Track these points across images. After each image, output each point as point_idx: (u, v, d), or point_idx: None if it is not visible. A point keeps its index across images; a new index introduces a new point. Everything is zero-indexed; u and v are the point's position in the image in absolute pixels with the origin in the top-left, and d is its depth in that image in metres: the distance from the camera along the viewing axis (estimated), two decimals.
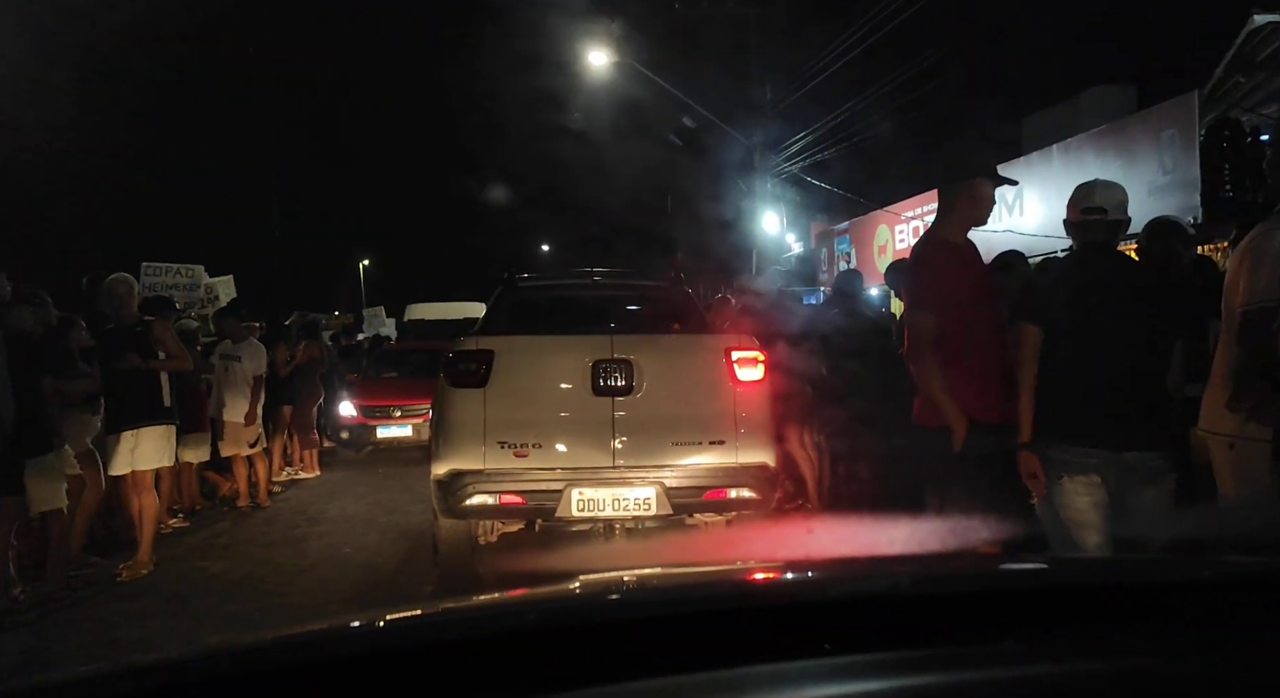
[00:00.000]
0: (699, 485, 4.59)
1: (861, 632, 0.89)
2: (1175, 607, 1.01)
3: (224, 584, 5.26)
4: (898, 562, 1.34)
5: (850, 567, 1.30)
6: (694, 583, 1.20)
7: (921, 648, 0.87)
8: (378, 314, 21.91)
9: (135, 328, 5.52)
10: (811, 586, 1.11)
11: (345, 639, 0.98)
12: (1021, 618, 0.96)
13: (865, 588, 1.05)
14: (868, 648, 0.86)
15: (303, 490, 8.77)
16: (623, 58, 15.27)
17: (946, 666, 0.85)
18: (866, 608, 0.96)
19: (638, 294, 6.21)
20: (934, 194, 13.95)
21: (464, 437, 4.56)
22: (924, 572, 1.19)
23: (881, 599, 0.98)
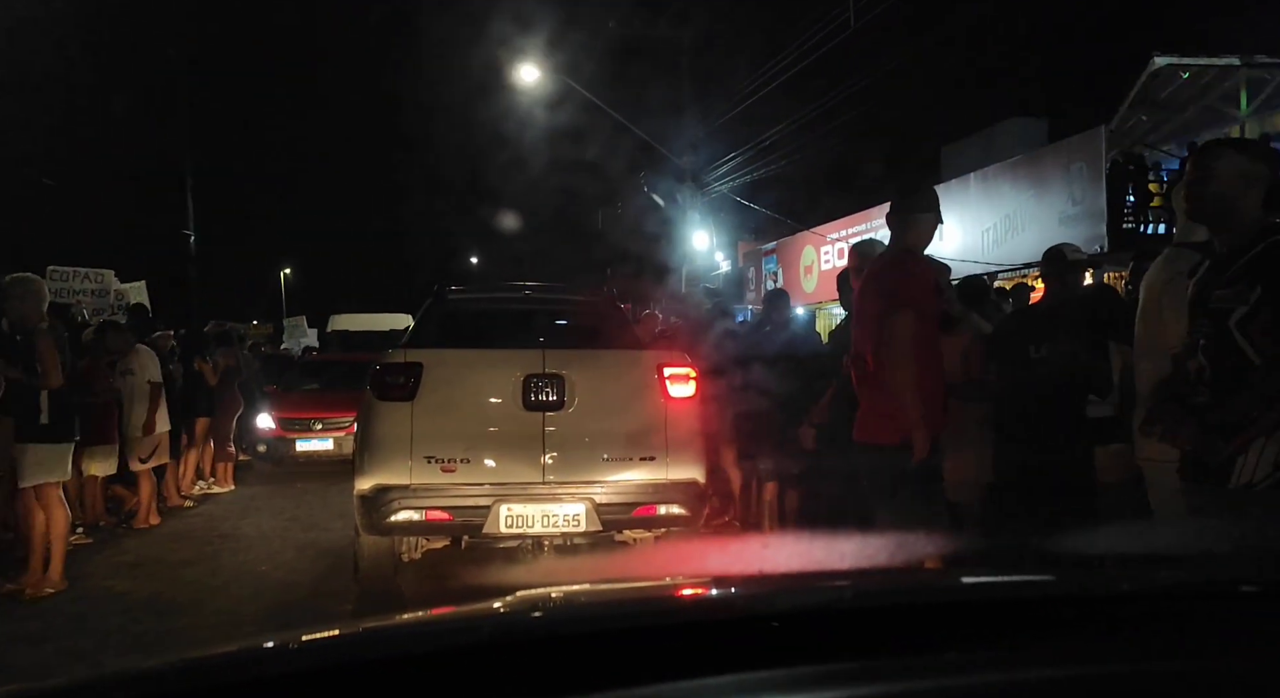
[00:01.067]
0: (629, 502, 4.59)
1: (801, 645, 0.89)
2: (1117, 617, 1.04)
3: (130, 604, 5.01)
4: (837, 576, 1.34)
5: (791, 581, 1.30)
6: (623, 599, 1.19)
7: (860, 660, 0.87)
8: (299, 324, 21.35)
9: (16, 337, 5.16)
10: (747, 600, 1.11)
11: (257, 661, 0.94)
12: (967, 629, 0.96)
13: (807, 601, 1.04)
14: (805, 661, 0.86)
15: (216, 506, 8.46)
16: (556, 73, 15.30)
17: (880, 677, 0.85)
18: (809, 622, 0.96)
19: (570, 309, 6.19)
20: (859, 217, 14.32)
21: (390, 451, 4.48)
22: (864, 585, 1.19)
23: (823, 613, 0.98)
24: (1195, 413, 2.20)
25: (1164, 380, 2.27)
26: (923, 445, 3.16)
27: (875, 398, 3.42)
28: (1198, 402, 2.20)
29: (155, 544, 6.63)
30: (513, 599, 1.14)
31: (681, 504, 4.61)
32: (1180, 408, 2.23)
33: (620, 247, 21.46)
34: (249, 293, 30.90)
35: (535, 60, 15.34)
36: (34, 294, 5.27)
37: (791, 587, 1.21)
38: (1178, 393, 2.24)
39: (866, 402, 3.49)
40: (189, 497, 8.59)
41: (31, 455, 5.13)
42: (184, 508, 8.18)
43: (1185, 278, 2.51)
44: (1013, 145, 12.96)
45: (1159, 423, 2.30)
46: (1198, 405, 2.20)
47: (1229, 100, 12.61)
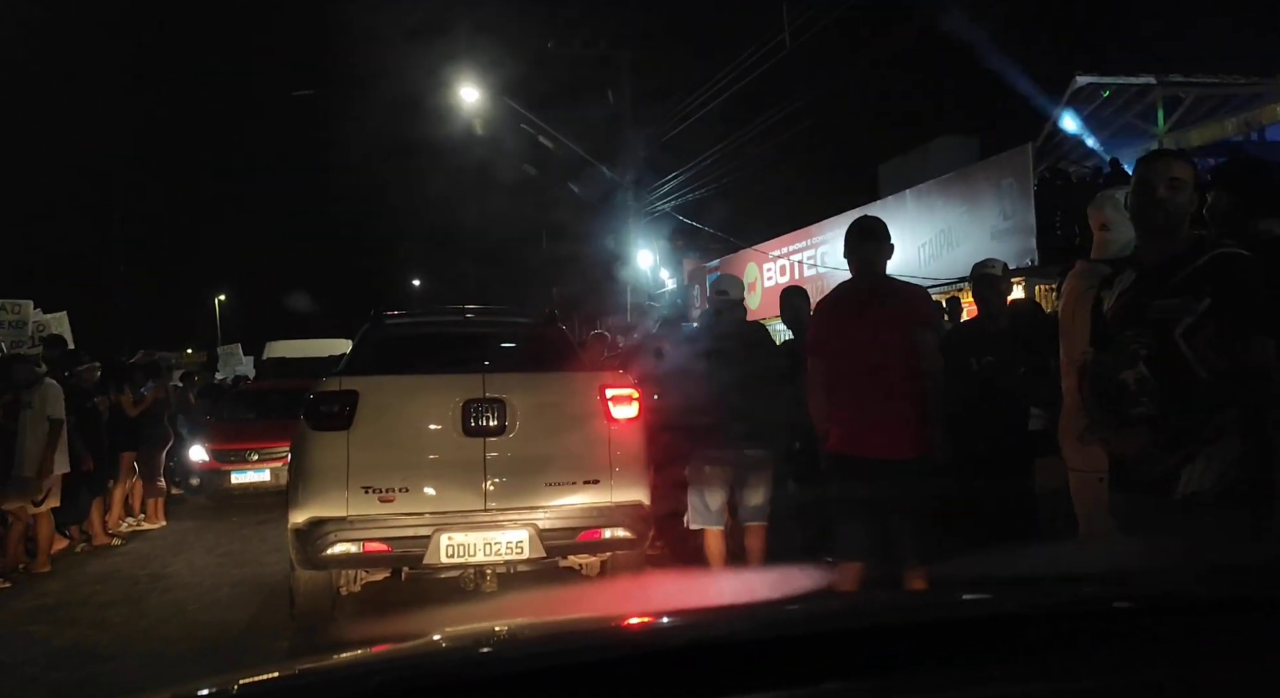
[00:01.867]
0: (573, 527, 4.52)
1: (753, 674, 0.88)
2: (1057, 634, 1.03)
3: (51, 650, 4.76)
4: (779, 604, 1.31)
5: (729, 611, 1.28)
6: (568, 633, 1.17)
7: (812, 686, 0.87)
8: (234, 352, 20.82)
9: None
10: (691, 630, 1.09)
11: None
12: (926, 650, 0.96)
13: (752, 629, 1.03)
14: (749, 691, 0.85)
15: (146, 543, 8.13)
16: (495, 93, 15.26)
17: None
18: (761, 650, 0.95)
19: (511, 332, 6.12)
20: (800, 234, 14.48)
21: (325, 482, 4.35)
22: (813, 609, 1.20)
23: (774, 641, 0.97)
24: (1137, 424, 2.22)
25: (1100, 392, 2.28)
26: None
27: (897, 411, 3.41)
28: (1137, 412, 2.21)
29: (79, 586, 6.34)
30: (453, 634, 1.12)
31: (626, 527, 4.56)
32: (1117, 418, 2.25)
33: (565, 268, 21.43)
34: (182, 321, 30.08)
35: (474, 82, 15.30)
36: None
37: (739, 615, 1.19)
38: (1113, 404, 2.25)
39: (886, 415, 3.45)
40: (117, 534, 8.25)
41: None
42: (111, 546, 7.84)
43: (1094, 291, 2.54)
44: (946, 163, 13.26)
45: (1099, 433, 2.31)
46: (1137, 416, 2.22)
47: (1147, 117, 13.11)
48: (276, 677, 1.05)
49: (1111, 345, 2.33)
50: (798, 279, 14.93)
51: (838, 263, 13.49)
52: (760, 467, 4.85)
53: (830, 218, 14.35)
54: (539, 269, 24.93)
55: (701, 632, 1.06)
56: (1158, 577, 1.36)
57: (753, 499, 4.90)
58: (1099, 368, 2.31)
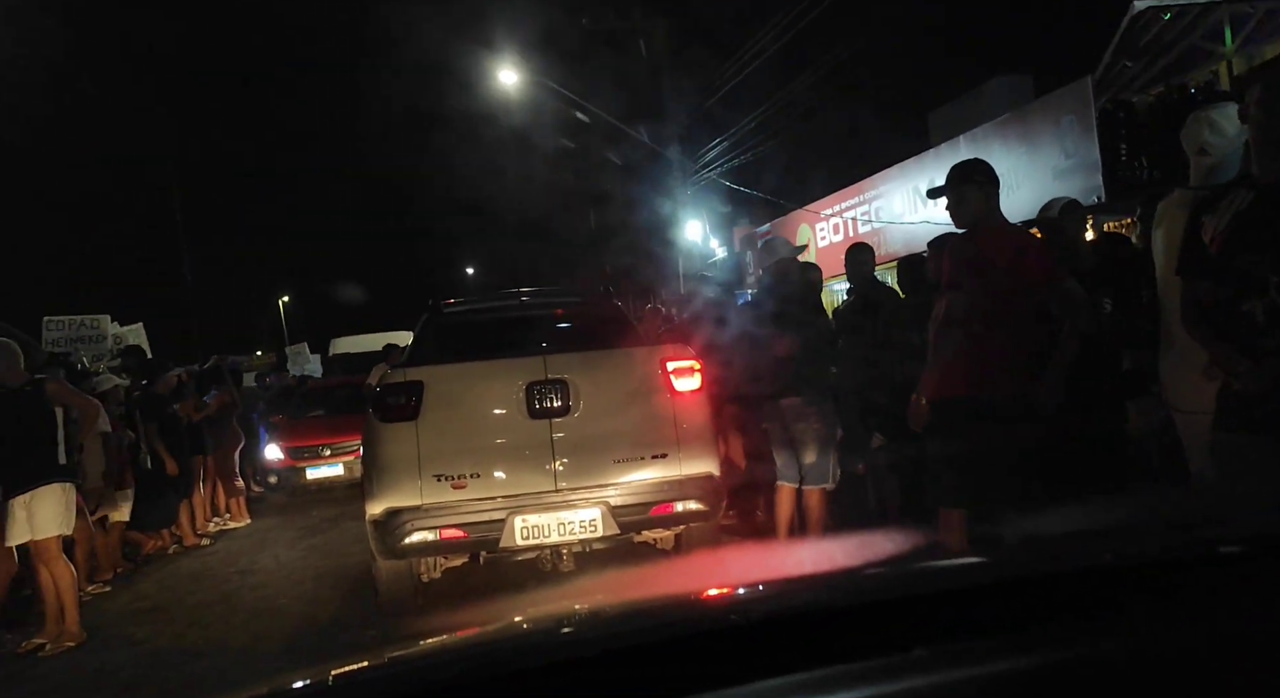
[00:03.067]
0: (644, 502, 4.50)
1: (826, 645, 0.87)
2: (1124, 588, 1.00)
3: (150, 651, 4.94)
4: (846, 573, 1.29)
5: (798, 582, 1.27)
6: (650, 610, 1.16)
7: (880, 658, 0.86)
8: (301, 351, 21.26)
9: (25, 388, 5.16)
10: (761, 602, 1.09)
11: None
12: (985, 614, 0.94)
13: (819, 600, 1.02)
14: (834, 661, 0.85)
15: (233, 542, 8.39)
16: (535, 76, 15.20)
17: (906, 671, 0.84)
18: (826, 621, 0.93)
19: (568, 311, 6.09)
20: (851, 190, 14.16)
21: (398, 473, 4.40)
22: (879, 578, 1.17)
23: (841, 611, 0.96)
24: (1267, 357, 2.02)
25: (1217, 324, 2.09)
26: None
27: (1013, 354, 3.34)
28: (1270, 345, 2.02)
29: (173, 587, 6.57)
30: (536, 615, 1.14)
31: (698, 499, 4.53)
32: (1242, 353, 2.06)
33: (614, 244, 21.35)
34: (250, 325, 30.89)
35: (513, 65, 15.25)
36: (12, 355, 5.24)
37: (792, 589, 1.19)
38: (1232, 335, 2.06)
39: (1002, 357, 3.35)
40: (205, 535, 8.54)
41: (44, 501, 5.04)
42: (201, 546, 8.12)
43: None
44: (999, 105, 12.78)
45: (1228, 368, 2.13)
46: (1270, 349, 2.02)
47: (1213, 37, 12.42)
48: (366, 667, 1.06)
49: (1228, 273, 2.14)
50: (853, 236, 14.63)
51: (893, 216, 13.25)
52: (801, 418, 4.82)
53: (882, 171, 14.01)
54: (588, 247, 24.92)
55: (779, 603, 1.05)
56: (1264, 518, 1.28)
57: (806, 457, 4.85)
58: (1211, 298, 2.13)
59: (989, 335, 3.32)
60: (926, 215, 12.36)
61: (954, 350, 3.42)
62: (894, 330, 4.87)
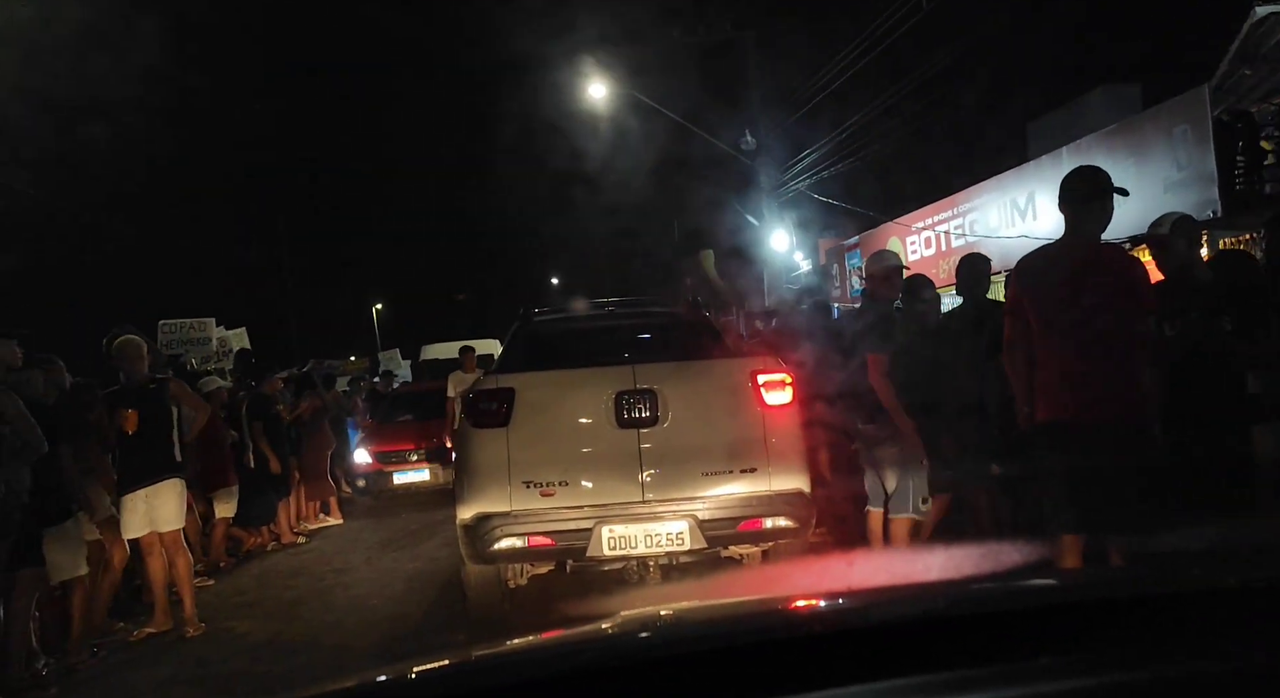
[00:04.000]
0: (733, 516, 4.44)
1: (907, 656, 0.88)
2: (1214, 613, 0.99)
3: (250, 645, 5.12)
4: (939, 586, 1.33)
5: (889, 593, 1.29)
6: (733, 616, 1.19)
7: (964, 669, 0.87)
8: (393, 357, 21.87)
9: (149, 386, 5.43)
10: (852, 612, 1.11)
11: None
12: (1070, 633, 0.94)
13: (904, 612, 1.04)
14: (911, 672, 0.86)
15: (327, 541, 8.64)
16: (625, 87, 15.32)
17: (987, 685, 0.85)
18: (912, 632, 0.95)
19: (656, 322, 6.08)
20: (944, 203, 13.78)
21: (488, 479, 4.45)
22: (963, 593, 1.18)
23: (926, 623, 0.97)
24: None
25: None
26: None
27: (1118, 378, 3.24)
28: None
29: (271, 583, 6.80)
30: (620, 620, 1.15)
31: (788, 516, 4.44)
32: None
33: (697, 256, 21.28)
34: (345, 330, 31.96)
35: (602, 76, 15.40)
36: (143, 353, 5.52)
37: (889, 599, 1.20)
38: None
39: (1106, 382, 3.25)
40: (302, 533, 8.81)
41: (164, 496, 5.28)
42: (297, 544, 8.39)
43: None
44: (1103, 115, 12.32)
45: None
46: None
47: None
48: (451, 663, 1.09)
49: None
50: (944, 250, 14.28)
51: (988, 230, 12.85)
52: (880, 443, 4.69)
53: (977, 184, 13.63)
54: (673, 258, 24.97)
55: (875, 614, 1.06)
56: None
57: (888, 483, 4.72)
58: None
59: (1106, 356, 3.20)
60: (1025, 229, 11.97)
61: (1023, 379, 3.32)
62: None
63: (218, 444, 7.05)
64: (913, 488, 4.70)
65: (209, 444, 6.77)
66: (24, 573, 4.46)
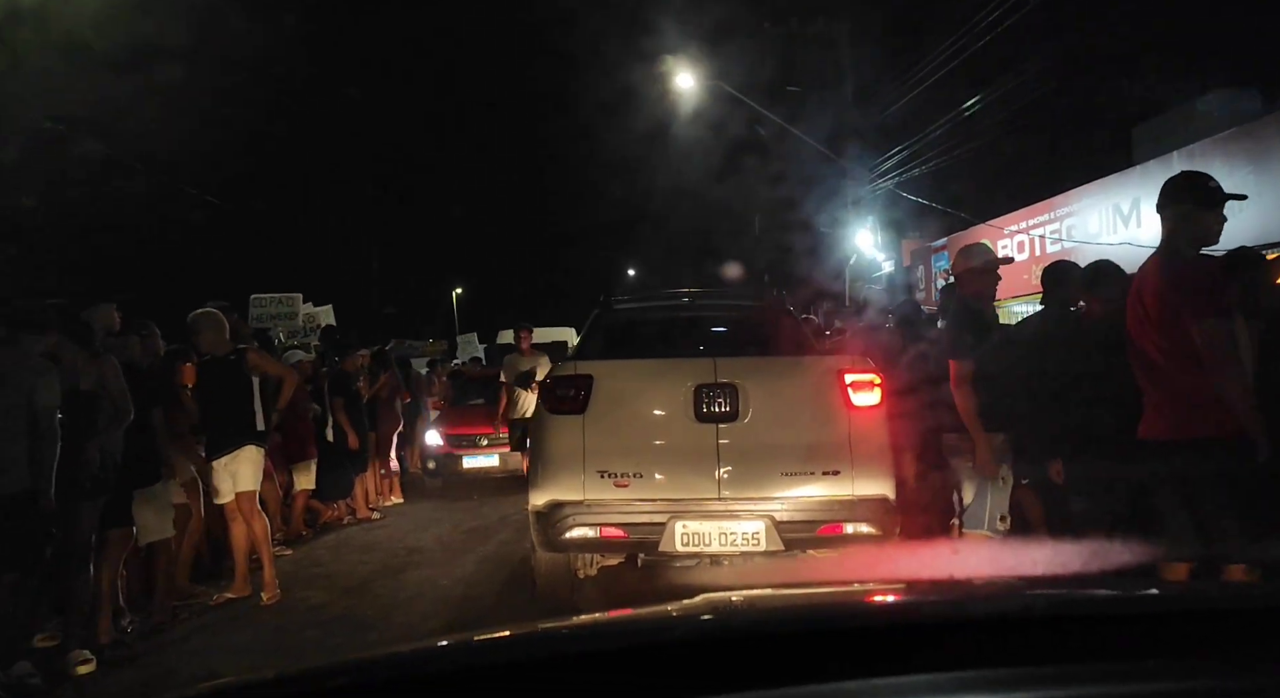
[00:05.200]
0: (812, 520, 4.30)
1: (991, 651, 0.89)
2: None
3: (324, 618, 5.19)
4: (1031, 583, 1.33)
5: (979, 588, 1.30)
6: (806, 604, 1.20)
7: (1040, 666, 0.86)
8: (470, 340, 22.16)
9: (229, 358, 5.55)
10: (939, 606, 1.10)
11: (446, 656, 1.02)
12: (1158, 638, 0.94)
13: (997, 609, 1.03)
14: (993, 665, 0.86)
15: (401, 518, 8.76)
16: (710, 78, 15.15)
17: (1053, 684, 0.84)
18: (1000, 629, 0.94)
19: (739, 315, 5.95)
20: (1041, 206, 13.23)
21: (563, 466, 4.40)
22: (1058, 593, 1.18)
23: (1014, 620, 0.97)
24: None
25: None
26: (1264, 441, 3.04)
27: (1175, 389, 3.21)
28: None
29: (346, 557, 6.91)
30: (689, 604, 1.16)
31: (871, 523, 4.27)
32: None
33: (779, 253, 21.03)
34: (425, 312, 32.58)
35: (688, 66, 15.25)
36: (219, 325, 5.62)
37: (981, 594, 1.21)
38: None
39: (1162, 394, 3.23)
40: (375, 508, 8.95)
41: (244, 461, 5.40)
42: (371, 520, 8.52)
43: None
44: (1218, 119, 11.66)
45: None
46: None
47: None
48: (512, 634, 1.13)
49: None
50: (1039, 255, 13.74)
51: (1087, 236, 12.30)
52: (957, 453, 4.47)
53: (1078, 187, 13.09)
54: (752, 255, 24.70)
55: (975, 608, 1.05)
56: None
57: (966, 496, 4.50)
58: None
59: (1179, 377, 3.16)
60: (1128, 236, 11.42)
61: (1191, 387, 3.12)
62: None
63: (300, 416, 7.18)
64: (991, 503, 4.47)
65: (292, 416, 6.90)
66: (114, 533, 4.60)
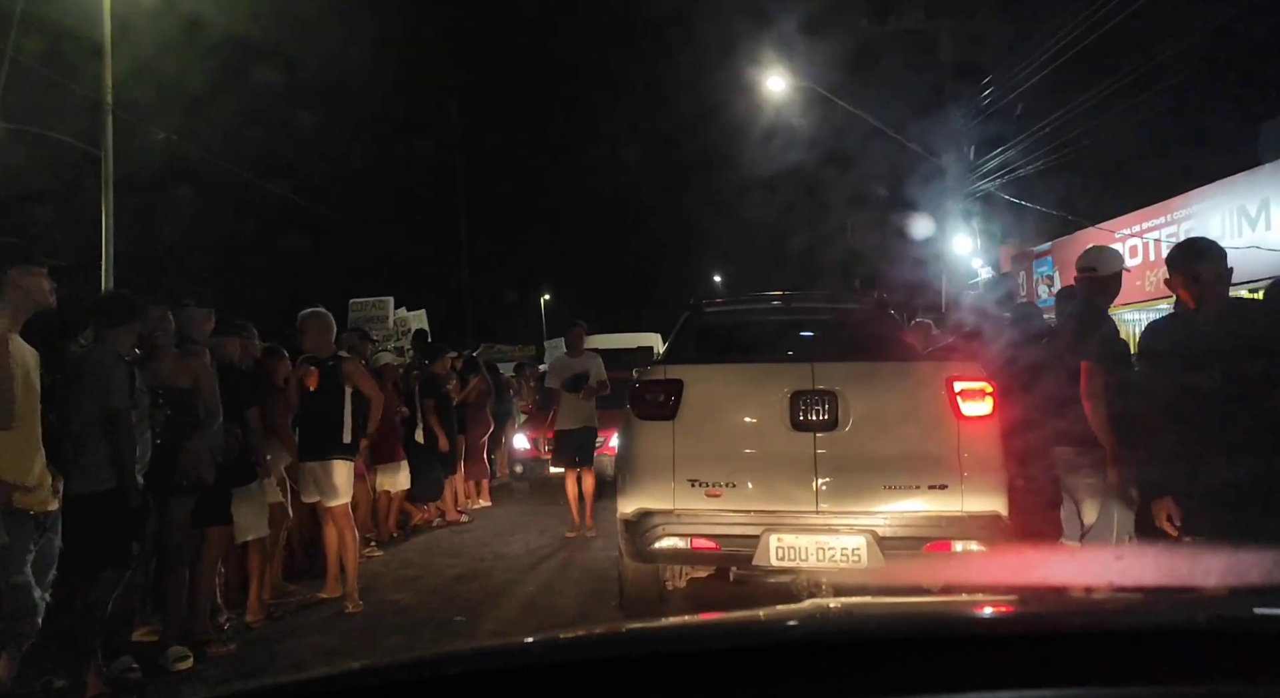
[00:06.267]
0: (917, 537, 4.05)
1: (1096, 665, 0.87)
2: None
3: (413, 620, 5.18)
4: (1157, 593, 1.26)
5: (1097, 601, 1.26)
6: (922, 612, 1.18)
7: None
8: (557, 345, 22.28)
9: (328, 363, 5.50)
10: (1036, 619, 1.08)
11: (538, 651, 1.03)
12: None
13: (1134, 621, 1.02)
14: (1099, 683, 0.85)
15: (488, 522, 8.78)
16: (799, 77, 14.84)
17: None
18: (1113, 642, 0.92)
19: (838, 318, 5.69)
20: (1157, 208, 12.48)
21: (652, 474, 4.26)
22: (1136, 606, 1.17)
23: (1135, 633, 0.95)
24: None
25: None
26: None
27: None
28: None
29: (434, 560, 6.91)
30: (805, 607, 1.19)
31: (982, 542, 4.00)
32: None
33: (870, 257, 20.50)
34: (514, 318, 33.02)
35: (776, 64, 14.96)
36: (328, 327, 5.63)
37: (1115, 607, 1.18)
38: None
39: None
40: (464, 512, 9.00)
41: (333, 474, 5.37)
42: (460, 523, 8.56)
43: None
44: None
45: None
46: None
47: None
48: (592, 634, 1.14)
49: None
50: (1153, 261, 12.95)
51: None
52: (1074, 470, 4.12)
53: (1197, 189, 12.29)
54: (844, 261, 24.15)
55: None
56: None
57: (1085, 516, 4.15)
58: None
59: None
60: (1256, 239, 10.64)
61: None
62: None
63: (387, 419, 7.24)
64: (1116, 524, 4.11)
65: (380, 419, 6.94)
66: (214, 531, 4.68)
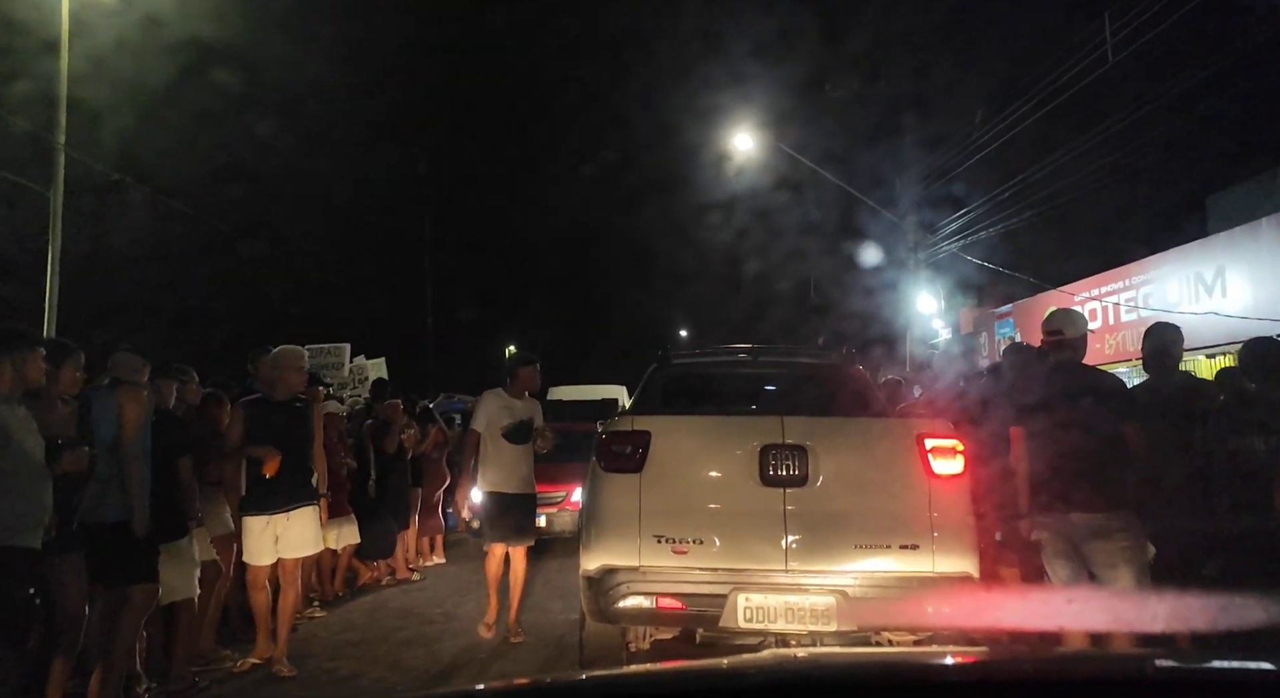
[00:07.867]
0: (888, 598, 3.85)
1: None
2: None
3: (352, 691, 4.82)
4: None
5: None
6: (883, 661, 1.22)
7: None
8: None
9: (295, 403, 5.17)
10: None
11: None
12: None
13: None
14: None
15: (440, 580, 8.37)
16: (767, 139, 15.04)
17: None
18: None
19: (807, 372, 5.56)
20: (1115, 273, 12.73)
21: (617, 528, 4.04)
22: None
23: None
24: None
25: None
26: None
27: None
28: None
29: (381, 622, 6.53)
30: (743, 660, 1.31)
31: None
32: None
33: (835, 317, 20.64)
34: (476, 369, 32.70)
35: (744, 128, 15.18)
36: (301, 366, 5.32)
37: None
38: None
39: None
40: (416, 569, 8.59)
41: (301, 522, 5.04)
42: (411, 581, 8.17)
43: None
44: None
45: None
46: None
47: None
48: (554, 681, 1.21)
49: None
50: (1112, 325, 13.16)
51: (1166, 305, 11.71)
52: (1102, 535, 3.99)
53: (1156, 254, 12.58)
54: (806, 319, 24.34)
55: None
56: None
57: (1120, 585, 3.99)
58: None
59: None
60: (1213, 306, 10.82)
61: None
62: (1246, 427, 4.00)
63: (333, 472, 6.92)
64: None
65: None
66: (137, 589, 4.30)
